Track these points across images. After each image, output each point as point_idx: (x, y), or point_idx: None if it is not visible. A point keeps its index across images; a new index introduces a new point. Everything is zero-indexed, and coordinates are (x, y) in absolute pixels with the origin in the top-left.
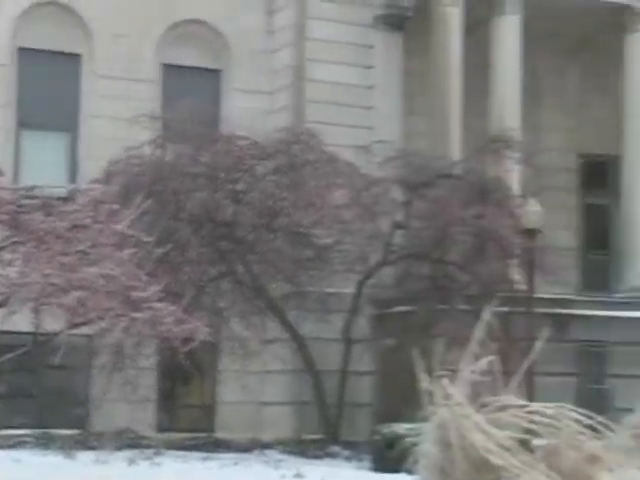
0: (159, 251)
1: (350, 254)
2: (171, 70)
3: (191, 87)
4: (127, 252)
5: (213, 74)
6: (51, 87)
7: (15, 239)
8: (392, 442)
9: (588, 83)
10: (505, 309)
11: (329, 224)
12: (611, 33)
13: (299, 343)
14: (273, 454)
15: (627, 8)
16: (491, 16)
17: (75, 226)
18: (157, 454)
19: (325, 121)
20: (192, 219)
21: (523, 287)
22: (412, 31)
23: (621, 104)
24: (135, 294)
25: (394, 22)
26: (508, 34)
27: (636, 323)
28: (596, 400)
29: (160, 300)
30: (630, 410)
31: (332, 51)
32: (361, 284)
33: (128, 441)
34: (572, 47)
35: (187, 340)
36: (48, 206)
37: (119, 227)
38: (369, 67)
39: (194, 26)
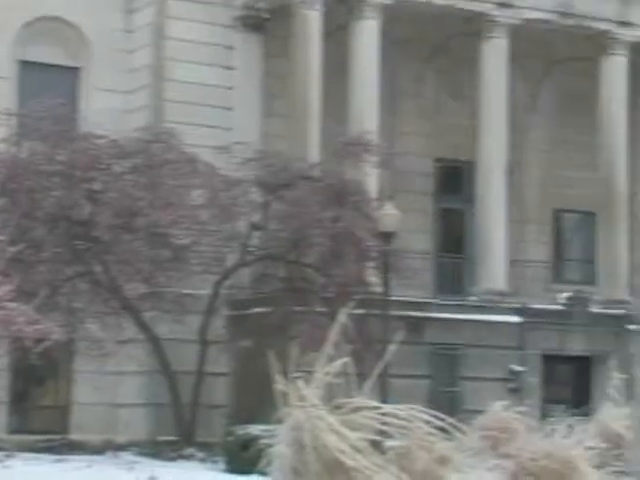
0: (12, 250)
1: (207, 255)
2: (28, 67)
3: (49, 84)
4: None
5: (72, 72)
6: None
7: None
8: (246, 443)
9: (444, 89)
10: (361, 311)
11: (187, 224)
12: (467, 39)
13: (155, 344)
14: (127, 456)
15: (482, 15)
16: (350, 21)
17: None
18: (9, 456)
19: (184, 121)
20: (47, 218)
21: (379, 290)
22: (273, 33)
23: (476, 110)
24: None
25: (253, 24)
26: (366, 39)
27: (488, 326)
28: (448, 402)
29: (13, 300)
30: (480, 412)
31: (192, 51)
32: (218, 285)
33: None
34: (429, 53)
35: (40, 340)
36: None
37: None
38: (229, 68)
39: (52, 23)
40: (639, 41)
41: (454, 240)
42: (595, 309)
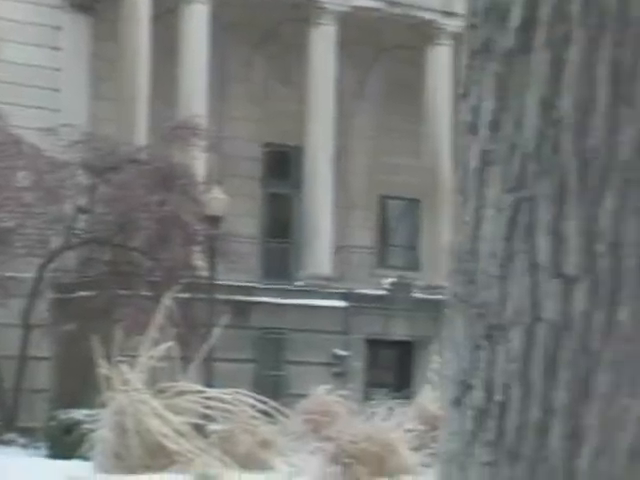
0: None
1: (32, 237)
2: None
3: None
4: None
5: None
6: None
7: None
8: (69, 428)
9: (274, 74)
10: (186, 295)
11: (11, 207)
12: (296, 25)
13: None
14: None
15: (310, 2)
16: (179, 4)
17: None
18: None
19: (10, 102)
20: None
21: (205, 274)
22: (102, 15)
23: (305, 96)
24: None
25: (81, 5)
26: (196, 23)
27: (313, 311)
28: (273, 386)
29: None
30: (304, 396)
31: (18, 31)
32: (42, 268)
33: None
34: (259, 38)
35: None
36: None
37: None
38: (56, 49)
39: None
40: (463, 32)
41: (281, 225)
42: (418, 294)
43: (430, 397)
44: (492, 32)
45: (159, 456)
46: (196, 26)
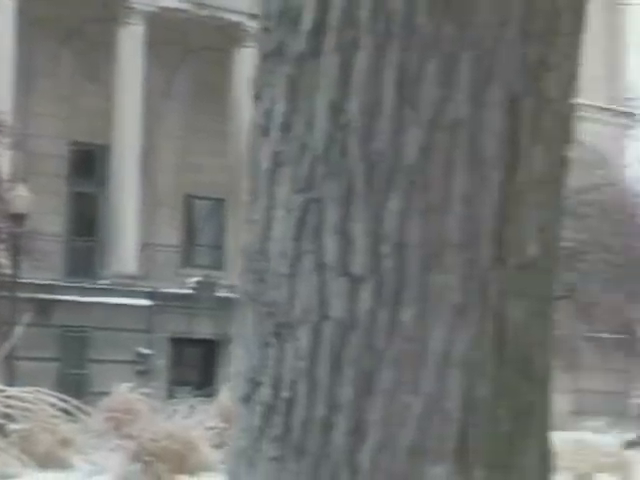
0: None
1: None
2: None
3: None
4: None
5: None
6: None
7: None
8: None
9: (81, 71)
10: None
11: None
12: (104, 24)
13: None
14: None
15: (118, 1)
16: None
17: None
18: None
19: None
20: None
21: (8, 271)
22: None
23: (112, 94)
24: None
25: None
26: (1, 17)
27: (118, 309)
28: (76, 384)
29: None
30: (107, 394)
31: None
32: None
33: None
34: (66, 34)
35: None
36: None
37: None
38: None
39: None
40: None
41: (87, 223)
42: (222, 293)
43: (231, 395)
44: (284, 35)
45: None
46: (1, 20)
